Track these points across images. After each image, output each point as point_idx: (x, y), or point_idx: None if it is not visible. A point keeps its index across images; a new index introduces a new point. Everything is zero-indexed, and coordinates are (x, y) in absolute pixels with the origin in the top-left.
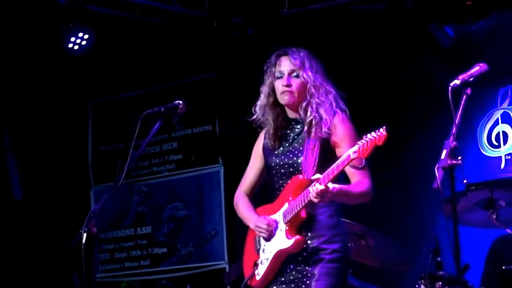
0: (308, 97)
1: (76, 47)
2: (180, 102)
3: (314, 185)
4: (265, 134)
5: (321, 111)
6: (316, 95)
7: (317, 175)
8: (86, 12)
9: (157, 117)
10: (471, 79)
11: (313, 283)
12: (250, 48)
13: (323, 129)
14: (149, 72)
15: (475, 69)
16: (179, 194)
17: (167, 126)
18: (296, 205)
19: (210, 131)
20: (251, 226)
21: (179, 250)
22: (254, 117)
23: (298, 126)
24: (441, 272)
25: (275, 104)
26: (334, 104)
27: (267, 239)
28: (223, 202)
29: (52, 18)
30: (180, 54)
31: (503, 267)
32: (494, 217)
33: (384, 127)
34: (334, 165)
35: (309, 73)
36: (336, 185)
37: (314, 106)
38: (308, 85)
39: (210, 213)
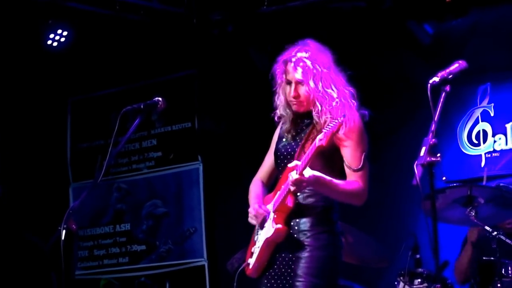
0: (317, 104)
1: (55, 43)
2: (160, 99)
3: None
4: (282, 122)
5: (333, 115)
6: (325, 102)
7: (295, 162)
8: (65, 9)
9: (136, 114)
10: (450, 76)
11: (295, 283)
12: (229, 45)
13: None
14: (129, 69)
15: (454, 66)
16: (158, 191)
17: (146, 123)
18: (281, 194)
19: (190, 128)
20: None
21: (158, 247)
22: (277, 115)
23: (310, 118)
24: (420, 269)
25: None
26: (346, 107)
27: (261, 228)
28: (202, 200)
29: (31, 14)
30: (160, 51)
31: (484, 258)
32: (473, 214)
33: (343, 115)
34: (306, 153)
35: (313, 84)
36: (316, 173)
37: (325, 111)
38: (314, 95)
39: (189, 211)
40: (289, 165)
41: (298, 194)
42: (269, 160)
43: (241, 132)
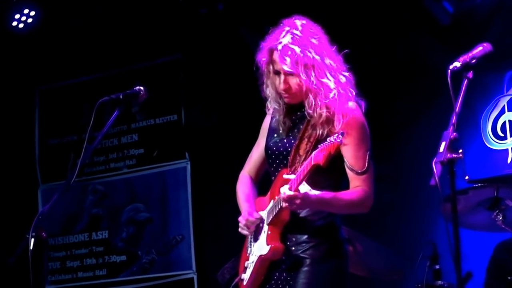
0: (311, 97)
1: (21, 25)
2: (141, 88)
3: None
4: (274, 110)
5: (330, 108)
6: (321, 94)
7: (291, 175)
8: None
9: (114, 106)
10: (473, 61)
11: None
12: (220, 26)
13: (333, 127)
14: (105, 54)
15: (478, 49)
16: (140, 194)
17: (126, 116)
18: (275, 206)
19: (176, 122)
20: None
21: (140, 258)
22: (269, 108)
23: (303, 110)
24: (439, 282)
25: None
26: (345, 98)
27: (255, 240)
28: (190, 203)
29: None
30: (140, 33)
31: (509, 277)
32: (500, 218)
33: (342, 133)
34: (301, 168)
35: (305, 75)
36: (316, 192)
37: (320, 105)
38: (307, 87)
39: (176, 216)
40: (284, 175)
41: None
42: (257, 153)
43: (235, 126)
